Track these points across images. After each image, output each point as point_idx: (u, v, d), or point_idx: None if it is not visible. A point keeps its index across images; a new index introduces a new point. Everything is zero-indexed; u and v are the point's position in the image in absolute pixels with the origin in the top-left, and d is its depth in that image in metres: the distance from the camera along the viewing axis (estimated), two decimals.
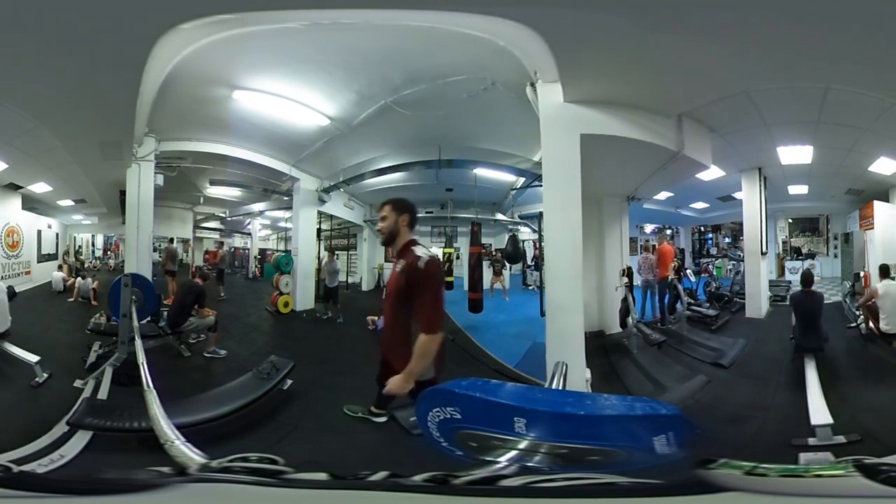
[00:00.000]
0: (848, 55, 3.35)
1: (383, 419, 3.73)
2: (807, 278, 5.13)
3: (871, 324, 5.10)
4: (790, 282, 6.91)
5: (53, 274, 6.97)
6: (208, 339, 5.38)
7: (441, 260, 2.51)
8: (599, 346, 5.58)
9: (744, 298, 6.46)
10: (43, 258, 7.06)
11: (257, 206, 8.42)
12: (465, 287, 6.72)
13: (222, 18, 3.34)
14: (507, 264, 7.91)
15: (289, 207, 7.56)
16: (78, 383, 4.24)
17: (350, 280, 8.36)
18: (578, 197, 4.07)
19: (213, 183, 7.44)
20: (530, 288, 8.43)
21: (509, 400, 1.06)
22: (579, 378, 3.82)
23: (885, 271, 5.11)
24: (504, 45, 3.77)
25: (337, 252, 7.93)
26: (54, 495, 0.97)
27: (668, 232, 7.81)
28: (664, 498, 0.92)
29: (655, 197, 6.80)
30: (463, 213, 7.38)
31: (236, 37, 3.67)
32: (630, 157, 4.83)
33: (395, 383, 2.50)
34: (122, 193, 5.72)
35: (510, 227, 8.07)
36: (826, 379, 4.16)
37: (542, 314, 4.52)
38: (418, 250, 2.61)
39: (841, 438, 3.50)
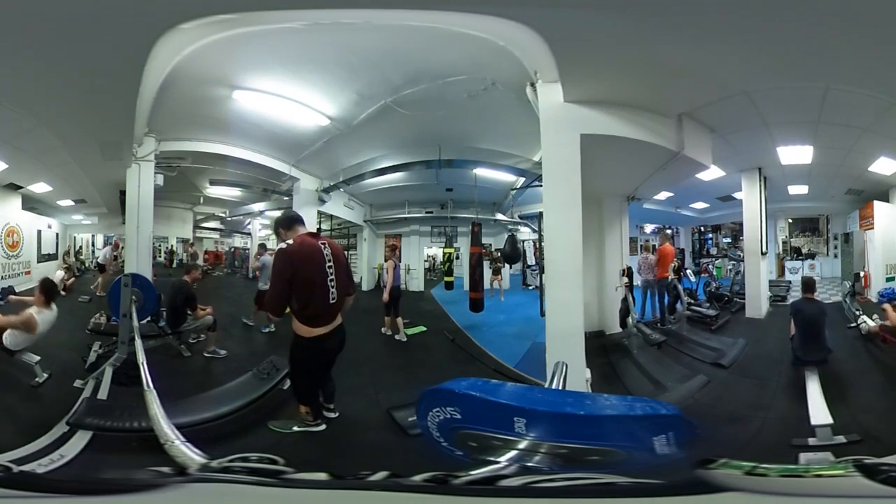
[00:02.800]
0: (848, 55, 3.35)
1: (321, 427, 3.49)
2: (808, 284, 4.82)
3: (886, 339, 4.94)
4: (790, 282, 6.91)
5: (56, 273, 6.99)
6: (208, 338, 5.37)
7: (288, 250, 3.08)
8: (599, 346, 5.58)
9: (744, 298, 6.46)
10: (43, 258, 7.05)
11: (257, 206, 8.41)
12: (466, 287, 6.72)
13: (222, 18, 3.34)
14: (507, 264, 7.91)
15: (289, 207, 7.56)
16: (78, 383, 4.24)
17: None
18: (578, 197, 4.07)
19: (213, 183, 7.43)
20: (530, 288, 8.44)
21: (509, 400, 1.06)
22: (579, 378, 3.82)
23: None
24: (504, 45, 3.77)
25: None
26: (54, 495, 0.98)
27: (669, 232, 7.81)
28: (664, 498, 0.92)
29: (655, 197, 6.80)
30: (463, 213, 7.39)
31: (236, 37, 3.67)
32: (630, 157, 4.83)
33: None
34: (122, 193, 5.71)
35: (510, 227, 8.08)
36: (830, 392, 4.00)
37: (542, 314, 4.52)
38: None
39: (841, 438, 3.51)
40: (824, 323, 4.50)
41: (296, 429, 3.48)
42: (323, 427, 3.52)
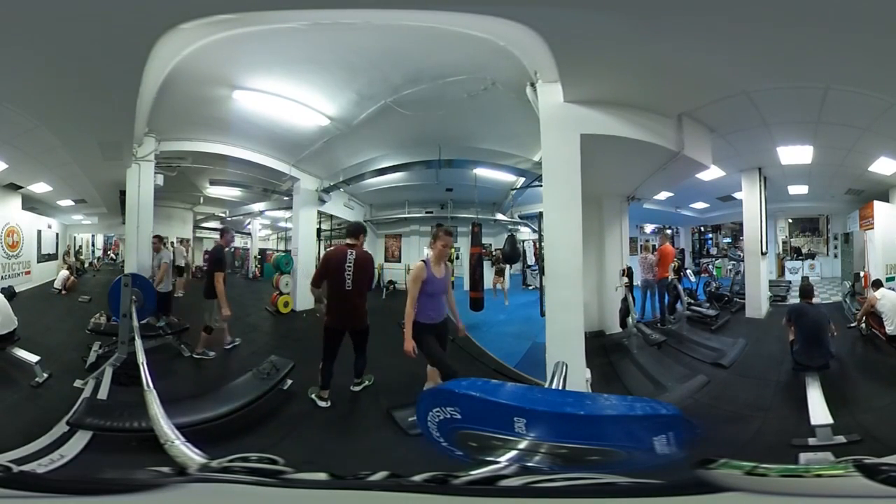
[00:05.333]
0: (848, 55, 3.35)
1: (326, 404, 4.13)
2: (806, 291, 4.82)
3: (874, 329, 5.15)
4: (790, 282, 6.91)
5: (60, 273, 7.00)
6: (200, 338, 5.26)
7: (327, 252, 4.59)
8: (599, 346, 5.58)
9: (744, 298, 6.46)
10: (43, 258, 7.05)
11: (257, 206, 8.41)
12: (465, 287, 6.72)
13: (222, 18, 3.34)
14: (507, 264, 7.90)
15: (289, 207, 7.55)
16: (78, 383, 4.25)
17: None
18: (578, 197, 4.07)
19: (213, 183, 7.43)
20: (530, 288, 8.43)
21: (509, 400, 1.06)
22: (579, 378, 3.82)
23: (877, 285, 5.35)
24: (504, 45, 3.77)
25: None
26: (54, 495, 0.97)
27: (669, 232, 7.80)
28: (664, 498, 0.92)
29: (655, 197, 6.79)
30: (463, 213, 7.38)
31: (236, 37, 3.67)
32: (630, 157, 4.83)
33: None
34: (122, 193, 5.71)
35: (510, 227, 8.07)
36: (831, 393, 3.97)
37: (542, 314, 4.52)
38: None
39: (841, 438, 3.51)
40: (826, 326, 4.46)
41: (312, 395, 4.18)
42: (327, 404, 4.10)
